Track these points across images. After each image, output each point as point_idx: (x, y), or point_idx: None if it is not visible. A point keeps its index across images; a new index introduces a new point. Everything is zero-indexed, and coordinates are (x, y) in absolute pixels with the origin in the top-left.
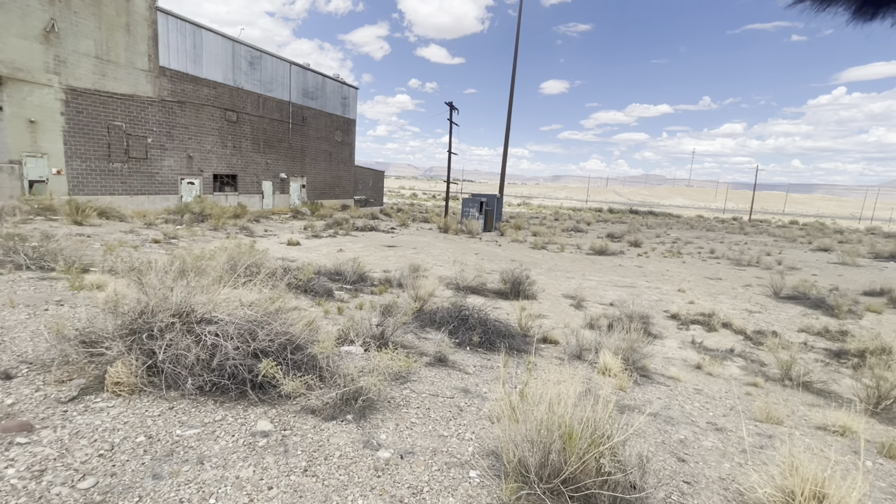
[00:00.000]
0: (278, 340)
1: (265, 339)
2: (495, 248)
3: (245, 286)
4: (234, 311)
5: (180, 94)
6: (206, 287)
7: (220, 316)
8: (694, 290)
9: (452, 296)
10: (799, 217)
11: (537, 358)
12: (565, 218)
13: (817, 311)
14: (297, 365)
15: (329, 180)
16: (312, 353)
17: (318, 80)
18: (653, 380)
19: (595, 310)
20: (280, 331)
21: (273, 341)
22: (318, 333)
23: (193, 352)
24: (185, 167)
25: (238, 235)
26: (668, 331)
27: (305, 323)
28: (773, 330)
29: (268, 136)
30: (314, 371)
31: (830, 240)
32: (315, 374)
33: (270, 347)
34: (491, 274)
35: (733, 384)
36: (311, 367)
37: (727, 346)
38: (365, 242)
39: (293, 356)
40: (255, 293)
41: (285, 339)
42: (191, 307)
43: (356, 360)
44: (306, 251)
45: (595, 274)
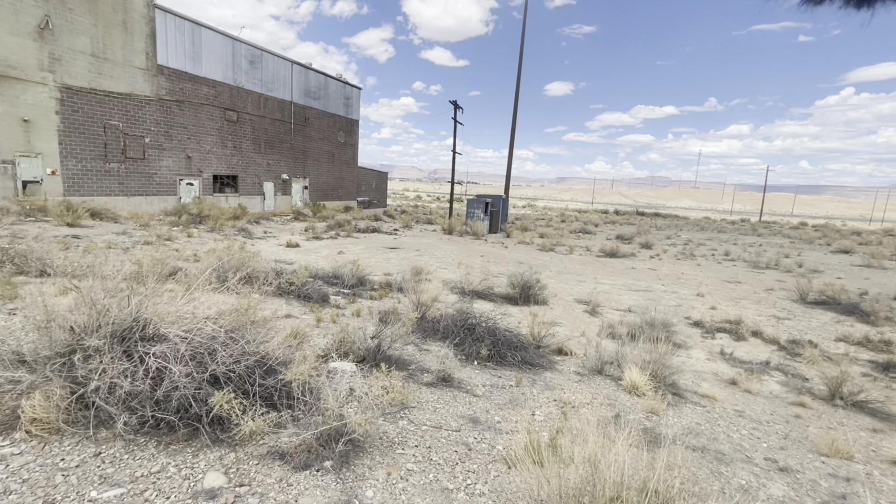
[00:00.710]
0: (246, 362)
1: (228, 361)
2: (501, 250)
3: (224, 292)
4: (195, 326)
5: (179, 93)
6: (169, 295)
7: (175, 332)
8: (713, 295)
9: (457, 301)
10: (808, 219)
11: (554, 374)
12: (572, 220)
13: (850, 317)
14: (267, 394)
15: (332, 181)
16: (287, 379)
17: (321, 79)
18: (686, 399)
19: (611, 316)
20: (249, 350)
21: (239, 362)
22: (302, 347)
23: (129, 381)
24: (183, 168)
25: (235, 237)
26: (692, 340)
27: (288, 335)
28: (808, 339)
29: (269, 136)
30: (288, 401)
31: (849, 241)
32: (289, 406)
33: (234, 371)
34: (498, 277)
35: (777, 404)
36: (286, 395)
37: (761, 357)
38: (366, 244)
39: (264, 381)
40: (229, 301)
41: (255, 361)
42: (140, 321)
43: (345, 382)
44: (305, 253)
45: (608, 277)
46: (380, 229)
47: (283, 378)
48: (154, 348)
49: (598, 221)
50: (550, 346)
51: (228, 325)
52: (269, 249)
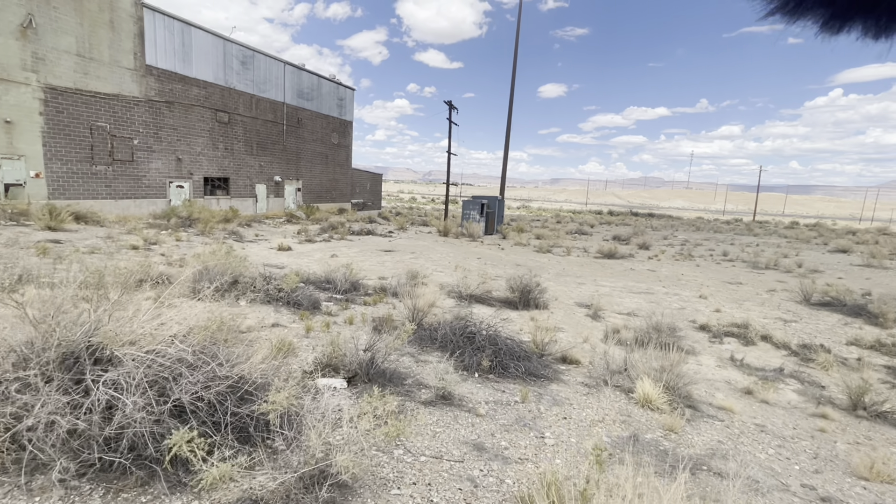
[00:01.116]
0: (217, 387)
1: (195, 388)
2: (498, 252)
3: (203, 301)
4: (157, 348)
5: (168, 93)
6: (135, 308)
7: (135, 354)
8: (716, 297)
9: (455, 306)
10: (799, 218)
11: (560, 386)
12: (567, 220)
13: (857, 319)
14: (241, 424)
15: (325, 183)
16: (264, 409)
17: (314, 80)
18: (701, 412)
19: (615, 320)
20: (221, 373)
21: (209, 388)
22: (288, 362)
23: (72, 416)
24: (173, 170)
25: (225, 241)
26: (700, 345)
27: (273, 349)
28: (820, 344)
29: (261, 137)
30: (266, 434)
31: (845, 241)
32: (266, 440)
33: (203, 399)
34: (496, 280)
35: (797, 416)
36: (264, 426)
37: (773, 363)
38: (361, 247)
39: (238, 409)
40: (205, 313)
41: (228, 386)
42: (94, 342)
43: (333, 405)
44: (297, 257)
45: (607, 279)
46: (374, 231)
47: (259, 409)
48: (106, 375)
49: (594, 222)
50: (554, 354)
51: (199, 343)
52: (259, 253)
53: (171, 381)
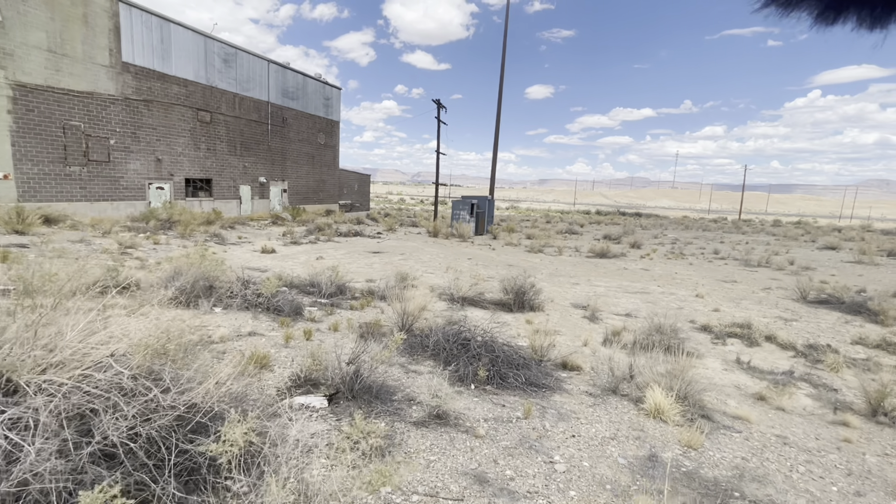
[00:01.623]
0: (160, 420)
1: (131, 422)
2: (489, 253)
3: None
4: (83, 373)
5: (147, 92)
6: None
7: (58, 381)
8: (713, 296)
9: (447, 308)
10: (781, 216)
11: (563, 396)
12: (557, 220)
13: (857, 317)
14: (191, 465)
15: (312, 184)
16: (213, 450)
17: (299, 79)
18: (716, 422)
19: (613, 322)
20: (166, 403)
21: (151, 421)
22: (262, 377)
23: None
24: (153, 171)
25: (207, 243)
26: (703, 347)
27: (240, 365)
28: (826, 344)
29: (245, 137)
30: (220, 478)
31: (832, 238)
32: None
33: (140, 435)
34: (488, 281)
35: (817, 424)
36: (220, 467)
37: (781, 366)
38: (348, 249)
39: (186, 447)
40: (159, 323)
41: (176, 418)
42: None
43: (310, 427)
44: (281, 259)
45: (601, 279)
46: (362, 233)
47: (208, 450)
48: (6, 413)
49: (583, 222)
50: (554, 360)
51: (140, 365)
52: (241, 256)
53: (100, 415)
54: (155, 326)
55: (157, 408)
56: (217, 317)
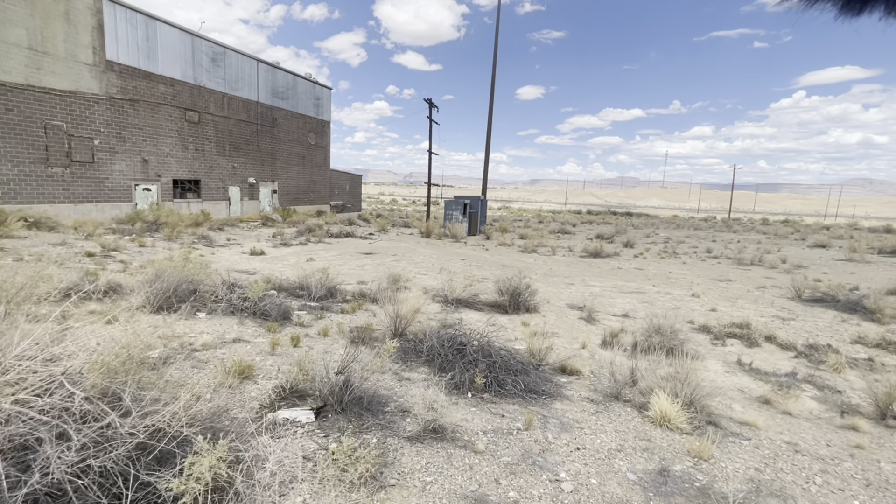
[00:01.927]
0: (118, 449)
1: (80, 455)
2: (483, 253)
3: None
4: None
5: (132, 91)
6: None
7: None
8: (708, 295)
9: (441, 311)
10: (769, 215)
11: (564, 404)
12: (549, 220)
13: (853, 315)
14: (155, 502)
15: (302, 185)
16: (175, 488)
17: (289, 79)
18: (724, 429)
19: (610, 323)
20: (124, 429)
21: (106, 451)
22: (244, 389)
23: None
24: (139, 172)
25: (194, 245)
26: (703, 348)
27: (221, 376)
28: (826, 343)
29: (234, 138)
30: None
31: (821, 236)
32: None
33: (92, 468)
34: (482, 282)
35: (826, 429)
36: None
37: (783, 367)
38: (339, 250)
39: (148, 479)
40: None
41: (137, 446)
42: None
43: (295, 446)
44: (271, 262)
45: (596, 279)
46: (354, 234)
47: (170, 489)
48: None
49: (575, 221)
50: (552, 364)
51: (99, 383)
52: (230, 258)
53: (48, 445)
54: (120, 338)
55: (114, 435)
56: (201, 322)
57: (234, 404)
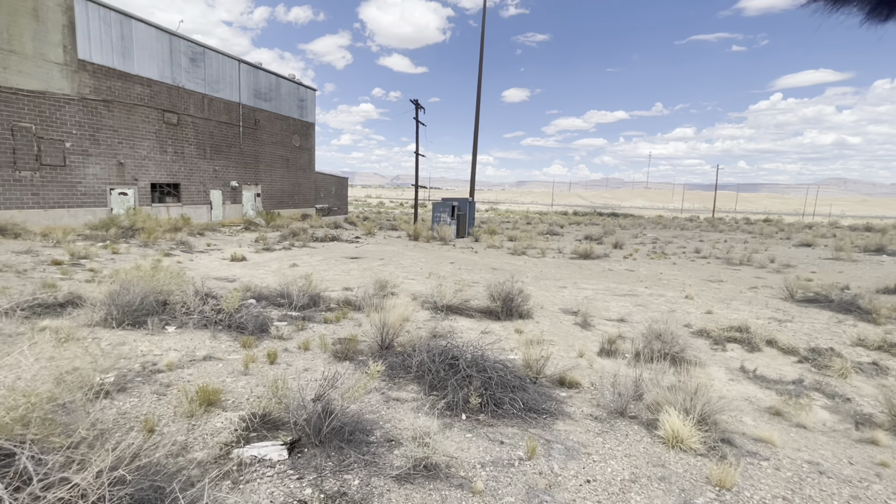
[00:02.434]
0: None
1: None
2: (472, 256)
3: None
4: None
5: (106, 91)
6: None
7: None
8: (702, 296)
9: (430, 318)
10: (750, 214)
11: (567, 424)
12: (537, 222)
13: (848, 316)
14: None
15: (287, 188)
16: None
17: (272, 80)
18: (739, 447)
19: (606, 328)
20: None
21: None
22: (207, 421)
23: None
24: (114, 175)
25: (173, 251)
26: (703, 354)
27: (181, 405)
28: (829, 347)
29: (215, 140)
30: None
31: (805, 235)
32: None
33: None
34: (473, 287)
35: (845, 444)
36: None
37: (787, 373)
38: (324, 255)
39: None
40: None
41: None
42: None
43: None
44: (252, 268)
45: (587, 281)
46: (340, 237)
47: None
48: None
49: (563, 223)
50: (550, 376)
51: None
52: (209, 265)
53: None
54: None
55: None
56: (169, 338)
57: (195, 441)
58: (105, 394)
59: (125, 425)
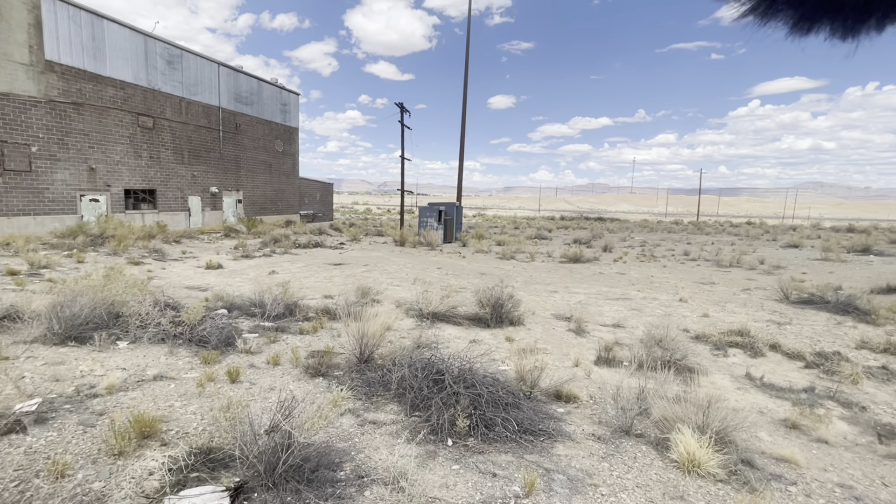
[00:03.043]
0: None
1: None
2: (459, 261)
3: None
4: None
5: (76, 94)
6: None
7: None
8: (696, 299)
9: (415, 327)
10: (732, 218)
11: (567, 446)
12: (525, 226)
13: (847, 317)
14: None
15: (270, 194)
16: None
17: (253, 83)
18: (760, 469)
19: (601, 335)
20: None
21: None
22: (152, 450)
23: None
24: (85, 181)
25: (144, 259)
26: (704, 359)
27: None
28: (835, 351)
29: (194, 145)
30: None
31: (790, 237)
32: None
33: None
34: (461, 293)
35: (870, 460)
36: None
37: (796, 380)
38: (306, 261)
39: None
40: None
41: None
42: None
43: None
44: (228, 276)
45: (578, 285)
46: (323, 244)
47: None
48: None
49: (551, 227)
50: (546, 389)
51: None
52: (182, 273)
53: None
54: None
55: None
56: (118, 355)
57: (115, 489)
58: (18, 428)
59: (29, 469)
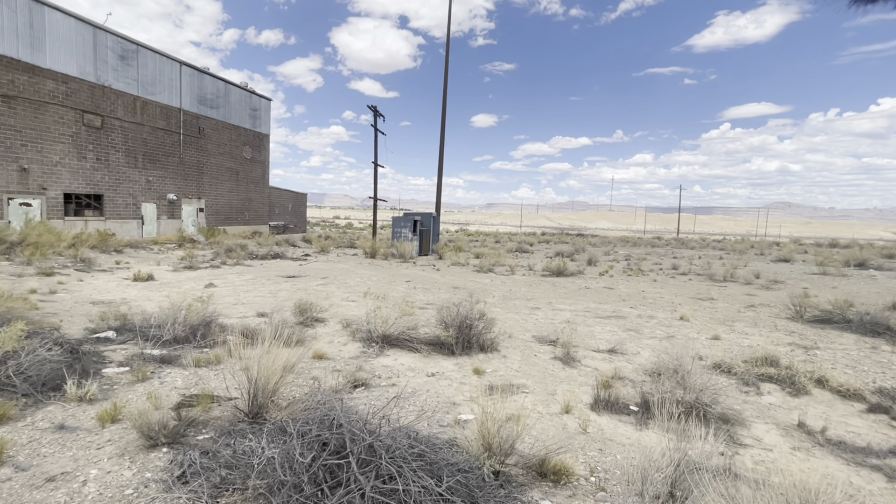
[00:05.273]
0: None
1: None
2: (433, 274)
3: None
4: None
5: (7, 85)
6: None
7: None
8: (698, 318)
9: (360, 354)
10: (707, 235)
11: None
12: (506, 240)
13: (878, 339)
14: None
15: (236, 203)
16: None
17: (220, 86)
18: None
19: (596, 363)
20: None
21: None
22: None
23: None
24: (14, 182)
25: (62, 270)
26: (733, 399)
27: None
28: (894, 386)
29: (150, 147)
30: None
31: (780, 251)
32: None
33: None
34: (425, 310)
35: None
36: None
37: (870, 434)
38: (256, 273)
39: None
40: None
41: None
42: None
43: None
44: (155, 289)
45: (563, 301)
46: (284, 255)
47: None
48: None
49: (533, 241)
50: (525, 457)
51: None
52: (101, 286)
53: None
54: None
55: None
56: None
57: None
58: None
59: None
